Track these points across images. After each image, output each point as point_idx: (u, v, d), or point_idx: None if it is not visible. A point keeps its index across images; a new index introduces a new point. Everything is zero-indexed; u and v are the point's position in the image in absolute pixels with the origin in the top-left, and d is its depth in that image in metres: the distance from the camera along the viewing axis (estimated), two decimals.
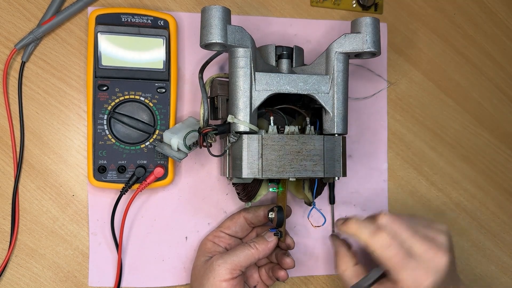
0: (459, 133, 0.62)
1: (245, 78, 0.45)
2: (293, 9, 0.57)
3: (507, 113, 0.64)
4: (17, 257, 0.50)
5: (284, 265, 0.50)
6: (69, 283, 0.51)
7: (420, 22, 0.61)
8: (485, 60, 0.63)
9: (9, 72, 0.51)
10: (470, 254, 0.62)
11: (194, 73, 0.54)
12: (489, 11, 0.64)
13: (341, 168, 0.47)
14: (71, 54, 0.52)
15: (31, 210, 0.51)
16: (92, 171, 0.49)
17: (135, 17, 0.50)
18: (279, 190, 0.49)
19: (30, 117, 0.51)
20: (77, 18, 0.52)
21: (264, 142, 0.45)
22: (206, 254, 0.49)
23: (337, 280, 0.57)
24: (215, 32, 0.43)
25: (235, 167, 0.45)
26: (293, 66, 0.49)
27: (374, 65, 0.59)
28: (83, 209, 0.51)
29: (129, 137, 0.50)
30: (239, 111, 0.45)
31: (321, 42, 0.57)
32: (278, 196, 0.50)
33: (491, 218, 0.63)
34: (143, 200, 0.52)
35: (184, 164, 0.53)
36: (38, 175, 0.51)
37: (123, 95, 0.49)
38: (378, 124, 0.59)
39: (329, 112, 0.47)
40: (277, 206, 0.48)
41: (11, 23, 0.51)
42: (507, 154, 0.64)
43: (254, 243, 0.47)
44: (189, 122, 0.50)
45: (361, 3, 0.59)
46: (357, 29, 0.47)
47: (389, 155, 0.59)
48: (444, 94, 0.62)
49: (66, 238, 0.51)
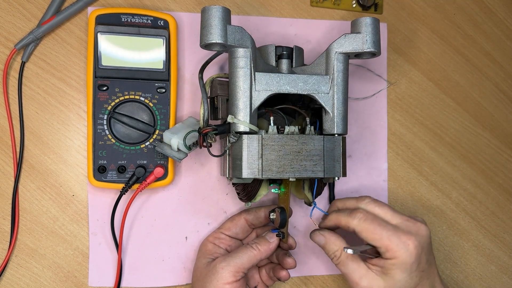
0: (459, 133, 0.62)
1: (245, 78, 0.45)
2: (293, 9, 0.57)
3: (507, 113, 0.64)
4: (17, 257, 0.50)
5: (285, 265, 0.50)
6: (69, 283, 0.51)
7: (420, 22, 0.61)
8: (485, 60, 0.63)
9: (9, 72, 0.51)
10: (470, 254, 0.62)
11: (194, 73, 0.54)
12: (489, 11, 0.64)
13: (341, 168, 0.47)
14: (71, 54, 0.52)
15: (31, 210, 0.51)
16: (92, 171, 0.49)
17: (135, 17, 0.50)
18: (281, 191, 0.49)
19: (30, 117, 0.51)
20: (77, 18, 0.52)
21: (264, 142, 0.45)
22: (207, 256, 0.49)
23: (337, 280, 0.57)
24: (215, 32, 0.43)
25: (235, 167, 0.45)
26: (293, 66, 0.49)
27: (374, 65, 0.59)
28: (83, 209, 0.51)
29: (129, 137, 0.50)
30: (239, 111, 0.45)
31: (321, 42, 0.57)
32: (280, 197, 0.49)
33: (491, 218, 0.63)
34: (143, 200, 0.52)
35: (184, 164, 0.53)
36: (38, 175, 0.51)
37: (123, 95, 0.49)
38: (378, 124, 0.59)
39: (329, 112, 0.47)
40: (279, 207, 0.48)
41: (11, 23, 0.51)
42: (507, 154, 0.64)
43: (256, 244, 0.47)
44: (189, 122, 0.50)
45: (361, 3, 0.59)
46: (357, 29, 0.47)
47: (389, 155, 0.59)
48: (444, 94, 0.62)
49: (66, 238, 0.51)
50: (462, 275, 0.61)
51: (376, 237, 0.45)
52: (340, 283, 0.57)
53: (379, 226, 0.45)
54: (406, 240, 0.45)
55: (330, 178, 0.48)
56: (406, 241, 0.45)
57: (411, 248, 0.45)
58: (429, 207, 0.60)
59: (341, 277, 0.57)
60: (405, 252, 0.45)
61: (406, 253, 0.45)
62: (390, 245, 0.45)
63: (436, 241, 0.60)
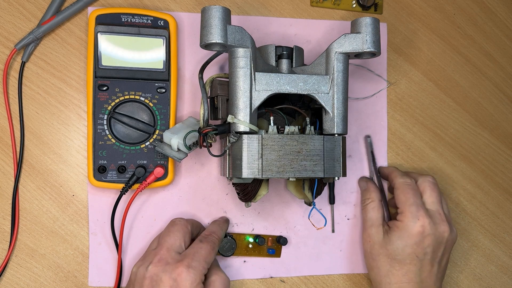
0: (459, 133, 0.62)
1: (245, 78, 0.45)
2: (293, 9, 0.57)
3: (507, 113, 0.64)
4: (17, 257, 0.50)
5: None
6: (69, 283, 0.51)
7: (420, 22, 0.61)
8: (485, 60, 0.63)
9: (9, 72, 0.51)
10: (470, 254, 0.62)
11: (194, 73, 0.54)
12: (489, 11, 0.64)
13: (341, 168, 0.47)
14: (71, 54, 0.52)
15: (31, 210, 0.51)
16: (92, 171, 0.49)
17: (135, 17, 0.50)
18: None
19: (30, 117, 0.51)
20: (77, 18, 0.52)
21: (264, 142, 0.45)
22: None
23: (337, 280, 0.57)
24: (215, 32, 0.43)
25: (235, 167, 0.45)
26: (293, 66, 0.49)
27: (374, 65, 0.59)
28: (83, 209, 0.51)
29: (129, 137, 0.50)
30: (239, 111, 0.45)
31: (321, 42, 0.57)
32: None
33: (491, 218, 0.63)
34: (143, 200, 0.52)
35: (184, 164, 0.53)
36: (38, 175, 0.51)
37: (123, 95, 0.49)
38: (378, 124, 0.59)
39: (329, 112, 0.47)
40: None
41: (11, 23, 0.51)
42: (507, 154, 0.64)
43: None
44: (189, 122, 0.50)
45: (361, 3, 0.59)
46: (357, 29, 0.47)
47: (389, 155, 0.59)
48: (444, 94, 0.62)
49: (66, 238, 0.51)
50: (462, 275, 0.61)
51: (403, 200, 0.51)
52: (340, 283, 0.57)
53: (413, 197, 0.51)
54: (422, 218, 0.50)
55: (330, 178, 0.48)
56: (420, 218, 0.50)
57: (419, 224, 0.50)
58: None
59: (341, 277, 0.57)
60: (412, 223, 0.50)
61: (412, 224, 0.50)
62: (406, 211, 0.50)
63: None
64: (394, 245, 0.50)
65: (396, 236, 0.51)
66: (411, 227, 0.50)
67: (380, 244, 0.52)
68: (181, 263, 0.44)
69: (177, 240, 0.47)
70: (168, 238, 0.47)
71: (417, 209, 0.50)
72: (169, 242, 0.46)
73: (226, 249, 0.52)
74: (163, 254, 0.45)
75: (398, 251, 0.50)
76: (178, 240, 0.47)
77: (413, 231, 0.50)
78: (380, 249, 0.51)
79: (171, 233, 0.47)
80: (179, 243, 0.47)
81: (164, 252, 0.45)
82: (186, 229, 0.48)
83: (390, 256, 0.51)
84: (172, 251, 0.45)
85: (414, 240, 0.50)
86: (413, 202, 0.51)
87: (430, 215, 0.51)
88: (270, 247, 0.55)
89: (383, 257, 0.51)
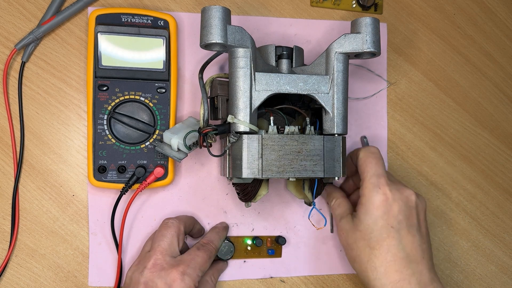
0: (459, 133, 0.62)
1: (245, 78, 0.45)
2: (293, 9, 0.57)
3: (507, 113, 0.64)
4: (17, 257, 0.50)
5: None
6: (69, 283, 0.51)
7: (420, 22, 0.61)
8: (485, 60, 0.63)
9: (9, 72, 0.51)
10: (470, 254, 0.62)
11: (194, 73, 0.54)
12: (489, 11, 0.64)
13: (341, 168, 0.47)
14: (71, 54, 0.52)
15: (31, 210, 0.51)
16: (92, 171, 0.49)
17: (135, 17, 0.50)
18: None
19: (30, 117, 0.51)
20: (77, 18, 0.52)
21: (264, 142, 0.45)
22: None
23: (337, 280, 0.57)
24: (215, 32, 0.43)
25: (235, 167, 0.45)
26: (293, 66, 0.49)
27: (374, 65, 0.59)
28: (83, 209, 0.51)
29: (129, 137, 0.50)
30: (239, 111, 0.45)
31: (321, 42, 0.57)
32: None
33: (491, 218, 0.63)
34: (143, 200, 0.53)
35: (184, 164, 0.53)
36: (38, 175, 0.51)
37: (123, 95, 0.49)
38: (378, 124, 0.59)
39: (329, 112, 0.47)
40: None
41: (11, 23, 0.51)
42: (507, 154, 0.64)
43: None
44: (189, 122, 0.50)
45: (361, 3, 0.59)
46: (357, 29, 0.47)
47: (389, 155, 0.59)
48: (444, 94, 0.62)
49: (66, 238, 0.51)
50: (462, 275, 0.61)
51: (367, 169, 0.49)
52: (340, 283, 0.57)
53: (376, 165, 0.49)
54: (382, 187, 0.48)
55: (330, 178, 0.48)
56: (381, 187, 0.48)
57: (381, 193, 0.47)
58: (429, 207, 0.60)
59: (341, 277, 0.57)
60: (375, 193, 0.47)
61: (374, 195, 0.47)
62: (366, 183, 0.48)
63: (436, 241, 0.60)
64: (364, 222, 0.47)
65: (363, 213, 0.48)
66: (374, 198, 0.47)
67: (352, 230, 0.49)
68: (176, 269, 0.44)
69: (171, 244, 0.47)
70: (162, 242, 0.47)
71: (377, 179, 0.48)
72: (163, 246, 0.46)
73: (225, 253, 0.52)
74: (157, 259, 0.45)
75: (370, 227, 0.47)
76: (172, 243, 0.47)
77: (376, 202, 0.47)
78: (353, 234, 0.48)
79: (164, 237, 0.47)
80: (173, 247, 0.47)
81: (159, 256, 0.45)
82: (179, 230, 0.48)
83: (366, 238, 0.47)
84: (167, 256, 0.46)
85: (382, 210, 0.47)
86: (374, 172, 0.48)
87: (390, 184, 0.48)
88: (270, 248, 0.55)
89: (360, 241, 0.48)
